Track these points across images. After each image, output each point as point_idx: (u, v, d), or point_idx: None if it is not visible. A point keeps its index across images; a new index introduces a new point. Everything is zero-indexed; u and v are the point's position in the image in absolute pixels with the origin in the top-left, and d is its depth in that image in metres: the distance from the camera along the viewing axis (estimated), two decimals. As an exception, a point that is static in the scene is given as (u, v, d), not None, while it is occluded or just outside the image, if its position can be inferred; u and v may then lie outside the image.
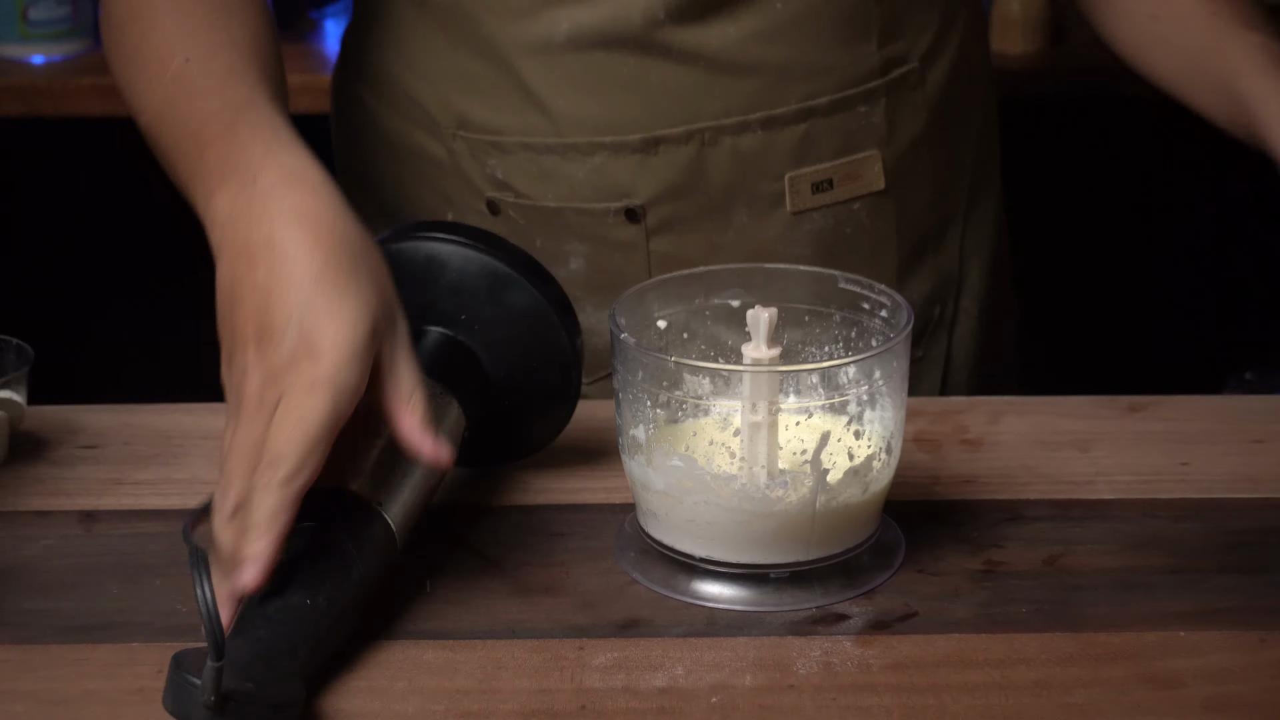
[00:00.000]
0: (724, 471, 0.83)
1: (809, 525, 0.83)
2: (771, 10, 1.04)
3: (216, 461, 0.97)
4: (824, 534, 0.84)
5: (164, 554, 0.89)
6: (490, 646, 0.81)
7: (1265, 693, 0.78)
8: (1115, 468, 0.97)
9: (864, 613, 0.84)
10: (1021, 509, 0.93)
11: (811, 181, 1.07)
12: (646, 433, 0.85)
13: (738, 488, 0.82)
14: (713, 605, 0.84)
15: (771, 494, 0.82)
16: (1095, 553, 0.89)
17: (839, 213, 1.09)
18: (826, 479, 0.82)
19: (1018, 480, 0.96)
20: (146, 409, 1.04)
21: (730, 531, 0.83)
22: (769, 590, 0.84)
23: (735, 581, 0.84)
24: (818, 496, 0.82)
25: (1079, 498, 0.94)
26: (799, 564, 0.84)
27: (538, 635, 0.82)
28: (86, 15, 2.04)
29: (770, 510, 0.82)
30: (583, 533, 0.90)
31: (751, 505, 0.82)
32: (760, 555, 0.84)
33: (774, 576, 0.84)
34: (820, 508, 0.83)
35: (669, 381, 0.85)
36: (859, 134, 1.08)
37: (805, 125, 1.06)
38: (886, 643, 0.81)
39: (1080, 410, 1.03)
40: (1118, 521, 0.92)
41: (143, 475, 0.97)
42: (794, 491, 0.82)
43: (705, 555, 0.84)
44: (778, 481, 0.82)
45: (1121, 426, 1.02)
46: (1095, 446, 0.99)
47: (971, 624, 0.83)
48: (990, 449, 0.99)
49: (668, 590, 0.85)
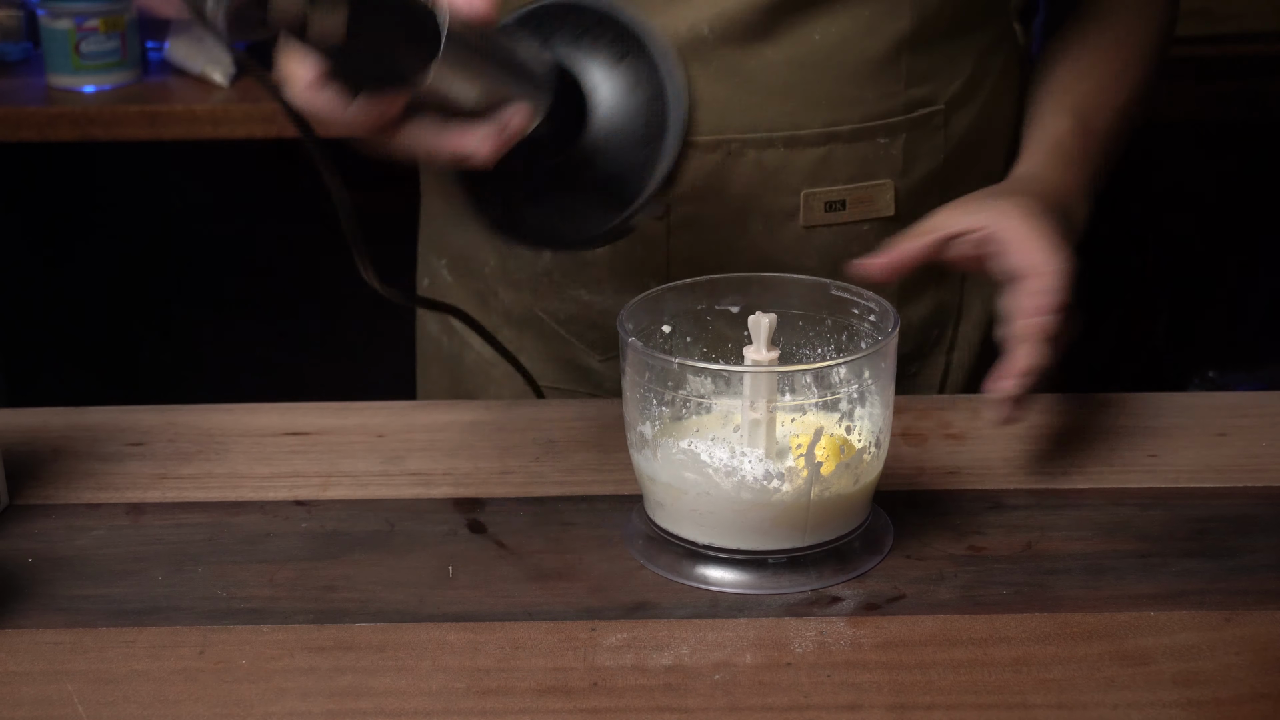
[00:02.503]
0: (725, 464, 0.82)
1: (804, 514, 0.83)
2: (809, 41, 1.03)
3: (255, 458, 0.97)
4: (818, 522, 0.83)
5: (206, 543, 0.88)
6: (509, 628, 0.81)
7: (1229, 668, 0.77)
8: (1088, 459, 0.97)
9: (856, 595, 0.83)
10: (1001, 498, 0.93)
11: (825, 200, 1.07)
12: (652, 429, 0.85)
13: (738, 480, 0.82)
14: (715, 589, 0.83)
15: (769, 485, 0.82)
16: (1070, 539, 0.88)
17: (848, 232, 1.08)
18: (820, 471, 0.82)
19: (998, 471, 0.95)
20: (189, 409, 1.04)
21: (730, 520, 0.83)
22: (767, 574, 0.84)
23: (736, 566, 0.84)
24: (812, 487, 0.82)
25: (1054, 487, 0.94)
26: (795, 550, 0.84)
27: (553, 618, 0.82)
28: (134, 49, 2.04)
29: (768, 500, 0.82)
30: (594, 522, 0.90)
31: (750, 495, 0.82)
32: (759, 542, 0.83)
33: (772, 561, 0.84)
34: (814, 498, 0.82)
35: (673, 382, 0.85)
36: (876, 162, 1.07)
37: (826, 149, 1.05)
38: (877, 623, 0.81)
39: (1056, 406, 1.03)
40: (1090, 509, 0.91)
41: (186, 470, 0.97)
42: (790, 483, 0.82)
43: (708, 542, 0.84)
44: (775, 473, 0.82)
45: (1094, 421, 1.01)
46: (1070, 440, 0.99)
47: (955, 605, 0.82)
48: (972, 442, 0.98)
49: (673, 575, 0.84)
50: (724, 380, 0.86)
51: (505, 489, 0.94)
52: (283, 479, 0.96)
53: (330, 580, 0.85)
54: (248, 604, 0.83)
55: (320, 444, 1.00)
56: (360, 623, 0.81)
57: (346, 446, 0.99)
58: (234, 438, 1.00)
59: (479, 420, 1.02)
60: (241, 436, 1.00)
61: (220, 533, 0.90)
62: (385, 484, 0.95)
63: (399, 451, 0.99)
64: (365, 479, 0.96)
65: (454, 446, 0.99)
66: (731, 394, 0.86)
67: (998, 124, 1.13)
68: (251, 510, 0.92)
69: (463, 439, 1.00)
